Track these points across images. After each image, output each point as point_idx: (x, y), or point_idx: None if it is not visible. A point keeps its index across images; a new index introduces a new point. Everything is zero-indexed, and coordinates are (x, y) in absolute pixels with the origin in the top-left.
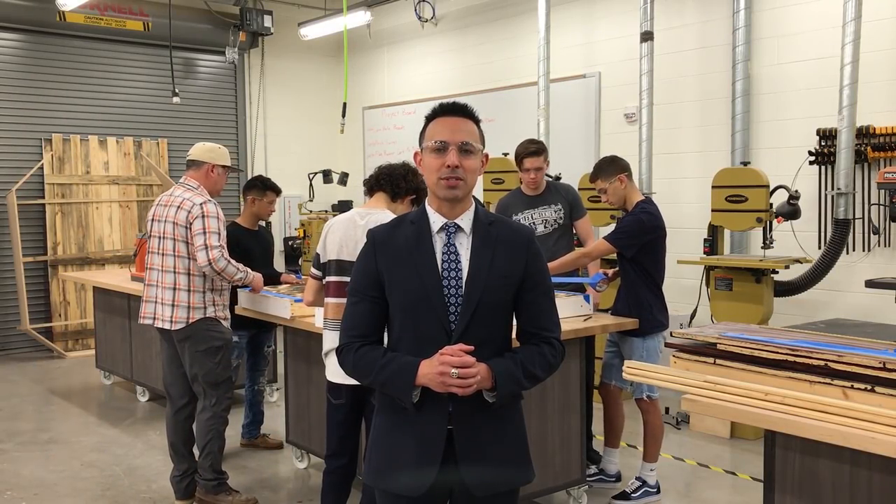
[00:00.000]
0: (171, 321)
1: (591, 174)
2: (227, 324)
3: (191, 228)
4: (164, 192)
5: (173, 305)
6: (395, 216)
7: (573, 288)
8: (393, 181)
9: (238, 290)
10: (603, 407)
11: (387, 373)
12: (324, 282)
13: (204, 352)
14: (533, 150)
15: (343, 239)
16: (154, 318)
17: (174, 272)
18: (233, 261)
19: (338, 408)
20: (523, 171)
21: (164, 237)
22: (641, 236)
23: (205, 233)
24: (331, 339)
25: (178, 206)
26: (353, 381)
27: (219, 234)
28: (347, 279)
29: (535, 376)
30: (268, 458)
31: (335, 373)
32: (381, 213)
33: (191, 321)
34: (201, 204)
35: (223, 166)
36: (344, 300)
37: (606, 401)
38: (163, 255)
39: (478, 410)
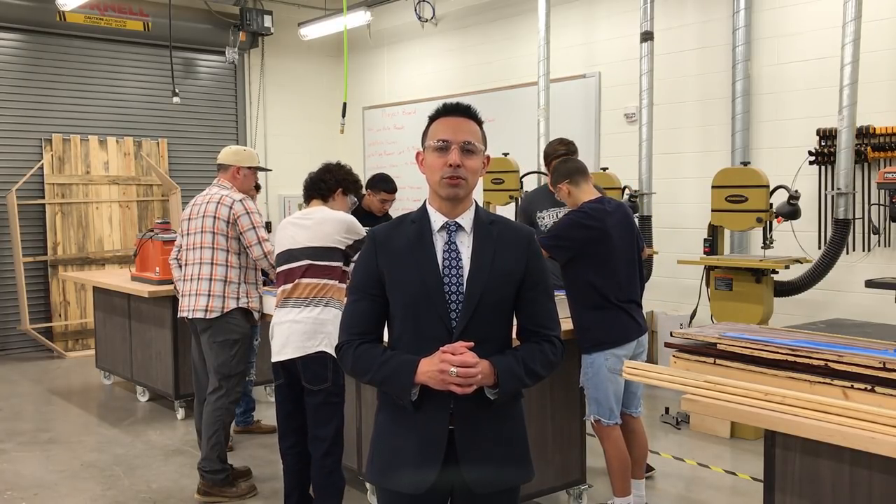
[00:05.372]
0: (206, 310)
1: None
2: (258, 316)
3: (238, 224)
4: (199, 194)
5: (209, 295)
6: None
7: None
8: (313, 185)
9: None
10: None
11: (386, 370)
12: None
13: (221, 343)
14: (562, 151)
15: (279, 237)
16: (190, 310)
17: (211, 264)
18: None
19: (278, 388)
20: (550, 171)
21: (202, 231)
22: (570, 236)
23: (254, 228)
24: (280, 315)
25: (218, 202)
26: (283, 358)
27: (263, 227)
28: (292, 265)
29: (536, 373)
30: (267, 457)
31: (274, 352)
32: (316, 210)
33: (225, 310)
34: (241, 200)
35: (249, 167)
36: (290, 285)
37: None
38: (201, 248)
39: (479, 409)
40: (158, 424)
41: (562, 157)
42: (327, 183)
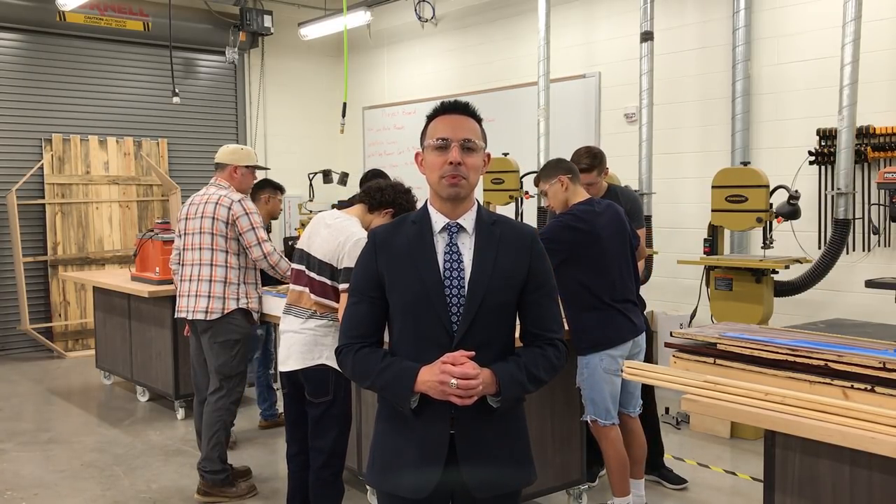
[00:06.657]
0: (207, 311)
1: (535, 177)
2: (257, 316)
3: (237, 225)
4: (196, 193)
5: (209, 297)
6: (375, 225)
7: None
8: (370, 193)
9: None
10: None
11: (385, 377)
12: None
13: (222, 343)
14: (584, 166)
15: (309, 232)
16: (190, 311)
17: (211, 265)
18: (283, 255)
19: (284, 397)
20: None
21: (200, 232)
22: (559, 238)
23: (253, 229)
24: (285, 323)
25: (217, 203)
26: (286, 369)
27: (263, 228)
28: (301, 267)
29: (539, 379)
30: (267, 457)
31: (279, 362)
32: (348, 219)
33: (226, 311)
34: (240, 201)
35: (246, 166)
36: (300, 288)
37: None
38: (200, 249)
39: (480, 414)
40: (158, 424)
41: (584, 170)
42: (384, 195)
